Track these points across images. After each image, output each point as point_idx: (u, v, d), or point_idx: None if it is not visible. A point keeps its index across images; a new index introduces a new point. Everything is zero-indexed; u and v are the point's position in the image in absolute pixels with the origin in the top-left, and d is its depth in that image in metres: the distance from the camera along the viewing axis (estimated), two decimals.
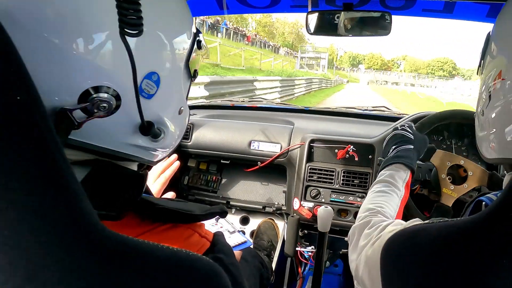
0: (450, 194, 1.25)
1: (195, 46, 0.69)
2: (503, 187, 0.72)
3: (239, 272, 0.60)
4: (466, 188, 1.24)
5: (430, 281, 0.45)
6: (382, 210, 0.87)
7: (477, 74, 0.79)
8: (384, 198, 0.92)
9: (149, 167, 0.71)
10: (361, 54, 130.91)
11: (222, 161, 1.99)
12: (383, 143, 1.62)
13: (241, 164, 1.97)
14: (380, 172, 1.04)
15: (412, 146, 1.10)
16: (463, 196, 1.25)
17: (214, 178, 2.07)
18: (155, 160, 0.67)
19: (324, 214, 1.27)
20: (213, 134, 1.93)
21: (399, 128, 1.19)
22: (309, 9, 1.29)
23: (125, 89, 0.53)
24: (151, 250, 0.41)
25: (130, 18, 0.47)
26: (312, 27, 1.34)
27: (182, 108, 0.69)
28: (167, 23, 0.60)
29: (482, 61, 0.77)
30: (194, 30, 0.69)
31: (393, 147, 1.12)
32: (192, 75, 0.71)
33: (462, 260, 0.41)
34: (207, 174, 2.09)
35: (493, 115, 0.67)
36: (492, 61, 0.70)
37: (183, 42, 0.65)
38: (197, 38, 0.69)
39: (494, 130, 0.67)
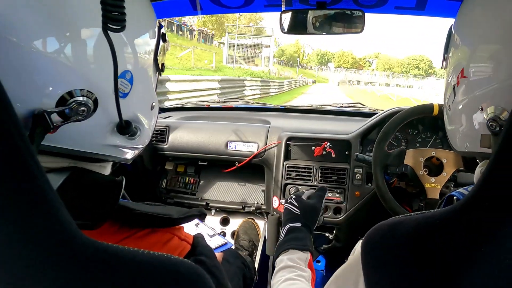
0: (434, 186, 1.29)
1: (161, 39, 0.70)
2: (475, 181, 0.74)
3: (222, 274, 0.59)
4: (446, 176, 1.28)
5: (409, 273, 0.45)
6: None
7: (442, 67, 0.81)
8: (294, 287, 0.86)
9: (122, 170, 0.71)
10: (330, 52, 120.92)
11: (199, 163, 1.98)
12: (359, 139, 1.65)
13: (219, 165, 1.97)
14: (278, 258, 0.97)
15: (299, 224, 1.04)
16: (443, 188, 1.29)
17: (192, 180, 2.05)
18: (130, 158, 0.68)
19: None
20: (189, 136, 1.91)
21: (287, 202, 1.14)
22: (283, 8, 1.30)
23: (102, 91, 0.53)
24: (132, 256, 0.41)
25: (114, 14, 0.48)
26: (285, 27, 1.34)
27: (153, 103, 0.69)
28: (137, 20, 0.61)
29: (445, 55, 0.79)
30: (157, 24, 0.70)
31: (285, 226, 1.07)
32: (160, 69, 0.72)
33: (439, 250, 0.42)
34: (185, 176, 2.07)
35: (460, 111, 0.69)
36: (455, 52, 0.71)
37: (151, 37, 0.66)
38: (161, 31, 0.71)
39: (462, 125, 0.69)
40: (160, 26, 0.70)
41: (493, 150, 0.60)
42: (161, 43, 0.70)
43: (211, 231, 1.46)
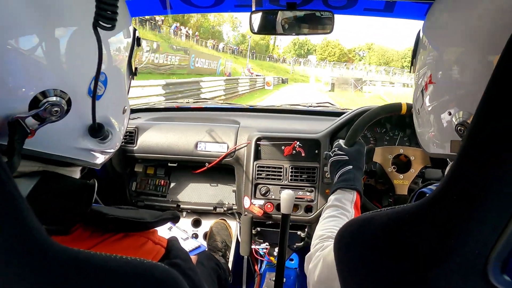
0: (402, 183, 1.33)
1: (135, 43, 0.70)
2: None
3: (197, 276, 0.59)
4: (414, 173, 1.33)
5: (382, 266, 0.47)
6: (333, 235, 0.86)
7: (410, 72, 0.84)
8: (334, 223, 0.93)
9: (91, 174, 0.70)
10: (310, 41, 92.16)
11: (169, 164, 1.95)
12: (328, 138, 1.68)
13: (189, 166, 1.95)
14: (329, 198, 1.07)
15: (351, 166, 1.12)
16: (411, 184, 1.34)
17: (162, 182, 2.02)
18: (99, 162, 0.67)
19: (287, 196, 1.31)
20: (159, 137, 1.88)
21: (332, 156, 1.21)
22: (253, 9, 1.30)
23: (76, 91, 0.52)
24: (104, 262, 0.40)
25: (107, 12, 0.48)
26: (255, 27, 1.35)
27: (125, 107, 0.69)
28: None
29: (414, 59, 0.81)
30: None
31: (336, 173, 1.15)
32: (133, 73, 0.72)
33: (412, 243, 0.43)
34: (155, 178, 2.03)
35: (428, 115, 0.71)
36: (423, 55, 0.74)
37: (126, 40, 0.66)
38: (136, 35, 0.70)
39: (431, 128, 0.72)
40: (135, 30, 0.69)
41: None
42: (135, 47, 0.69)
43: (184, 235, 1.45)
